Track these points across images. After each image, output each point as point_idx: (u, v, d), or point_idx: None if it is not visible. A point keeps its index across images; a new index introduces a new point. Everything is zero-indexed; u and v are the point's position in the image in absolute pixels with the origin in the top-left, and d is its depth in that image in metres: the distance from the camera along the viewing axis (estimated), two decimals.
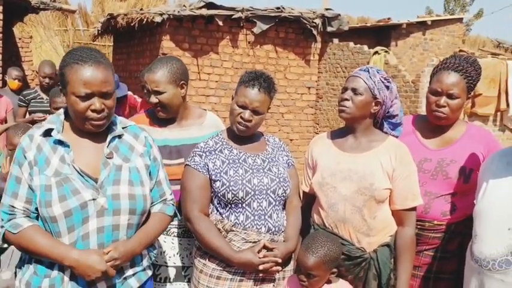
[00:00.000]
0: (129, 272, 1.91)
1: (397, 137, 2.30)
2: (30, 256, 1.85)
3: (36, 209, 1.82)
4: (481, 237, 2.03)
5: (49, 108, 5.33)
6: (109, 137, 1.91)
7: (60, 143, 1.84)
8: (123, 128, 1.99)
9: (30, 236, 1.77)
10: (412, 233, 2.23)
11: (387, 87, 2.21)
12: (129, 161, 1.93)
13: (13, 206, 1.80)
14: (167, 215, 2.07)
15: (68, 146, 1.83)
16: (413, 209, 2.23)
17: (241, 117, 2.21)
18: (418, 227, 2.37)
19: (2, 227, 1.81)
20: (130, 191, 1.87)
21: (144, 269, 1.98)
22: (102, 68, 1.81)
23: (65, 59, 1.83)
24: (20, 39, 10.18)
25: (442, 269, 2.40)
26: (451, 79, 2.35)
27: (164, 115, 2.50)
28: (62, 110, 1.95)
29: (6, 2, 7.04)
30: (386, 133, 2.29)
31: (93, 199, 1.80)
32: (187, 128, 2.56)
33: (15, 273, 2.03)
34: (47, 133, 1.85)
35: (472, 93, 2.45)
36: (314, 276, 2.08)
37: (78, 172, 1.81)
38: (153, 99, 2.45)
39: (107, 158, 1.87)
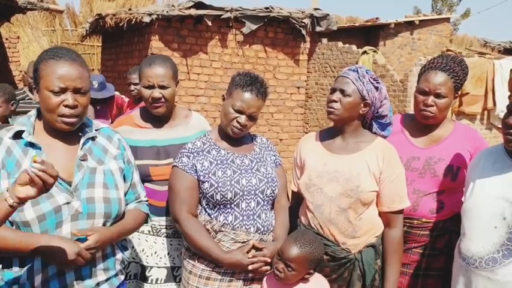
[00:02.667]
0: (102, 276, 1.87)
1: (386, 137, 2.31)
2: None
3: None
4: (468, 236, 2.05)
5: None
6: (83, 139, 1.87)
7: (31, 145, 1.79)
8: (96, 130, 1.95)
9: None
10: (400, 235, 2.24)
11: (376, 88, 2.21)
12: (103, 164, 1.89)
13: None
14: (143, 212, 2.07)
15: (40, 148, 1.78)
16: (401, 211, 2.24)
17: (238, 122, 2.21)
18: (407, 224, 2.39)
19: None
20: (105, 195, 1.84)
21: (116, 274, 1.95)
22: (77, 64, 1.79)
23: (40, 56, 1.81)
24: (7, 39, 10.08)
25: (430, 266, 2.42)
26: (439, 79, 2.37)
27: (163, 111, 2.47)
28: (33, 112, 1.91)
29: None
30: (375, 133, 2.30)
31: (67, 203, 1.75)
32: (174, 128, 2.55)
33: None
34: (17, 135, 1.80)
35: (459, 92, 2.48)
36: (293, 269, 2.08)
37: None
38: (157, 94, 2.42)
39: (81, 160, 1.83)
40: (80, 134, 1.89)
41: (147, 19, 7.29)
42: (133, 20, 7.45)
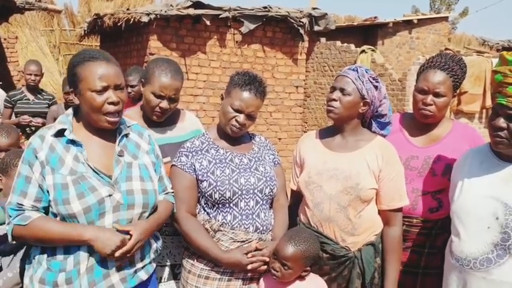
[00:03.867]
0: (139, 264, 1.97)
1: (385, 136, 2.32)
2: (41, 251, 1.88)
3: (44, 207, 1.85)
4: (461, 237, 2.05)
5: (35, 110, 5.29)
6: (119, 136, 1.98)
7: (72, 142, 1.89)
8: (128, 127, 2.06)
9: (42, 223, 1.81)
10: (399, 233, 2.24)
11: (376, 87, 2.22)
12: (137, 158, 2.01)
13: (21, 204, 1.83)
14: (171, 202, 2.16)
15: (81, 145, 1.88)
16: (400, 209, 2.24)
17: (237, 121, 2.21)
18: (406, 223, 2.39)
19: (9, 223, 1.83)
20: (143, 186, 1.96)
21: (150, 262, 2.04)
22: (112, 62, 1.90)
23: (74, 60, 1.90)
24: (5, 39, 10.07)
25: (429, 264, 2.43)
26: (437, 78, 2.37)
27: (163, 119, 2.47)
28: (69, 110, 2.00)
29: None
30: (374, 132, 2.31)
31: (110, 195, 1.86)
32: (169, 128, 2.55)
33: (20, 272, 2.08)
34: (59, 133, 1.89)
35: (457, 91, 2.48)
36: (289, 267, 2.08)
37: (93, 170, 1.87)
38: (166, 105, 2.40)
39: (119, 155, 1.95)
40: (115, 131, 1.99)
41: (145, 19, 7.28)
42: (132, 19, 7.44)
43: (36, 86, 5.35)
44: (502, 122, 1.93)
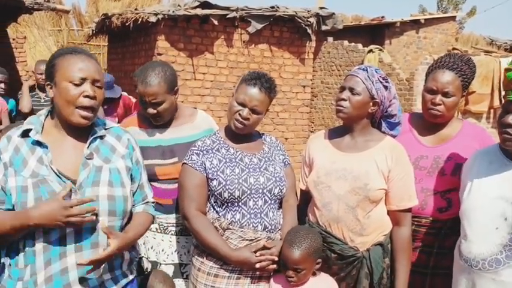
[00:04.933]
0: (107, 276, 1.88)
1: (395, 136, 2.32)
2: (4, 259, 1.83)
3: (8, 209, 1.78)
4: (469, 237, 2.04)
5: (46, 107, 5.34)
6: (90, 138, 1.89)
7: (38, 144, 1.82)
8: (106, 129, 1.98)
9: None
10: (409, 233, 2.24)
11: (385, 87, 2.22)
12: (109, 162, 1.90)
13: None
14: (150, 214, 2.08)
15: (47, 147, 1.81)
16: (409, 209, 2.24)
17: (240, 115, 2.22)
18: (415, 223, 2.39)
19: None
20: (110, 192, 1.84)
21: (123, 273, 1.95)
22: (93, 59, 1.86)
23: (55, 53, 1.87)
24: (14, 39, 10.13)
25: (438, 264, 2.42)
26: (446, 77, 2.37)
27: (162, 122, 2.51)
28: (43, 111, 1.94)
29: (0, 3, 7.00)
30: (384, 133, 2.31)
31: None
32: (179, 128, 2.57)
33: None
34: (25, 134, 1.83)
35: (466, 91, 2.48)
36: (301, 269, 2.10)
37: (55, 173, 1.78)
38: (151, 110, 2.44)
39: (87, 158, 1.85)
40: (89, 132, 1.91)
41: (153, 19, 7.30)
42: (140, 19, 7.46)
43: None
44: (511, 119, 1.93)
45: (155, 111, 2.44)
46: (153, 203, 2.12)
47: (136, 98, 5.19)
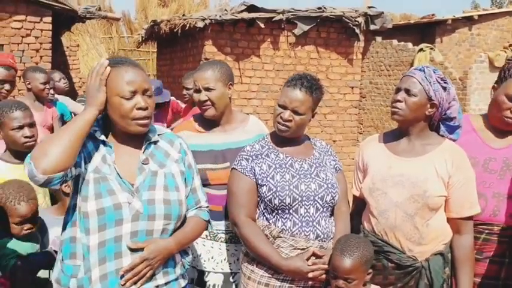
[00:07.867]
0: (162, 280, 1.88)
1: (455, 140, 2.20)
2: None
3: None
4: None
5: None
6: (145, 144, 1.92)
7: (103, 143, 1.86)
8: (158, 135, 2.00)
9: None
10: (471, 241, 2.13)
11: (444, 88, 2.12)
12: (164, 167, 1.93)
13: None
14: (203, 219, 2.06)
15: (110, 147, 1.86)
16: (471, 217, 2.13)
17: (281, 117, 2.18)
18: (486, 231, 2.27)
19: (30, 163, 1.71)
20: (166, 196, 1.87)
21: (177, 278, 1.95)
22: (139, 68, 1.87)
23: None
24: (67, 47, 10.53)
25: (510, 276, 2.28)
26: None
27: (211, 114, 2.49)
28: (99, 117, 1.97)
29: (55, 13, 7.27)
30: (442, 136, 2.20)
31: (128, 203, 1.80)
32: (231, 132, 2.55)
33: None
34: (90, 135, 1.86)
35: None
36: (353, 279, 2.02)
37: (117, 173, 1.83)
38: (203, 96, 2.46)
39: (143, 164, 1.89)
40: (144, 138, 1.94)
41: (200, 24, 7.38)
42: (187, 25, 7.56)
43: None
44: None
45: (206, 97, 2.45)
46: (207, 207, 2.11)
47: (185, 103, 5.28)
